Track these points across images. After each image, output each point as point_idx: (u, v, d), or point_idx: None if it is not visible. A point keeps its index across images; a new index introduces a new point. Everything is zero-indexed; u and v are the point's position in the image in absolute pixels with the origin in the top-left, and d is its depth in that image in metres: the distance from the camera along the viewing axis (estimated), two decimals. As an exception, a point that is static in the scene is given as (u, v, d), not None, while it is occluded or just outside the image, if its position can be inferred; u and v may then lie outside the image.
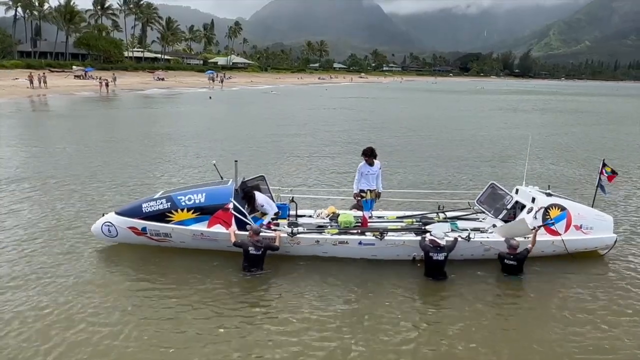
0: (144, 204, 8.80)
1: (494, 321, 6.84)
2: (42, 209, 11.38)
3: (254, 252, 7.96)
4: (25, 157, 18.03)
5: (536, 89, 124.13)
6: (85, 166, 16.35)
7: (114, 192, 13.08)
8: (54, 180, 14.30)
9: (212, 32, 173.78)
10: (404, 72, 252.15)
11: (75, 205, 11.73)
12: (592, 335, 6.46)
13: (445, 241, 8.05)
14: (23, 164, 16.71)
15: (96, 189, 13.34)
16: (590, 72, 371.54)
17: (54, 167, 16.24)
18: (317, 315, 6.80)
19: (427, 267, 8.08)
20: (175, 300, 7.09)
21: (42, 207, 11.54)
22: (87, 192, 12.96)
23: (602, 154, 18.50)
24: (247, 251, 7.97)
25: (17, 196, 12.39)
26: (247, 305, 7.06)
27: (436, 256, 7.96)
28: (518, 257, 8.20)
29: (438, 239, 7.99)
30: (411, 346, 6.14)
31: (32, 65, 77.49)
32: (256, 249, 7.97)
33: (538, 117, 43.37)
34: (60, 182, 14.09)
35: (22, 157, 18.01)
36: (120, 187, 13.63)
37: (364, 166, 10.03)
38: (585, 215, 8.91)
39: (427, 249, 8.01)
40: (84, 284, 7.57)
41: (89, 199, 12.34)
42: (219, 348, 5.98)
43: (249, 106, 47.43)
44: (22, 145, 20.71)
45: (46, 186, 13.57)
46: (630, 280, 8.21)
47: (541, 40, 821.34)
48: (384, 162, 11.30)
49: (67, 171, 15.54)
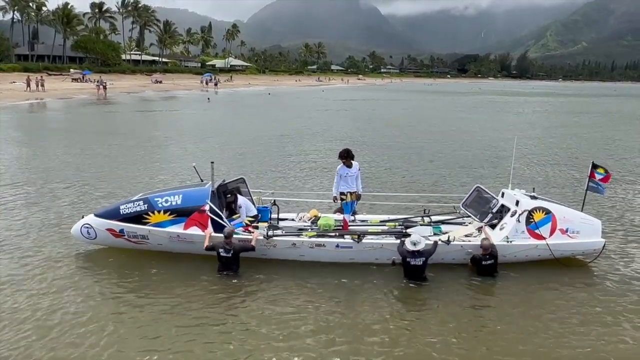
0: (122, 206, 8.80)
1: (472, 325, 6.78)
2: (25, 210, 11.47)
3: (224, 254, 7.93)
4: (15, 159, 18.25)
5: (534, 91, 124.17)
6: (76, 168, 16.49)
7: (100, 194, 13.14)
8: (41, 181, 14.44)
9: (209, 34, 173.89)
10: (401, 73, 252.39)
11: (61, 206, 11.85)
12: (569, 344, 6.32)
13: (421, 246, 7.88)
14: (13, 165, 16.90)
15: (83, 191, 13.44)
16: (587, 73, 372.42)
17: (44, 169, 16.39)
18: (292, 321, 6.75)
19: (406, 271, 7.98)
20: (148, 307, 7.01)
21: (25, 208, 11.63)
22: (73, 194, 13.07)
23: (606, 155, 18.46)
24: (218, 253, 7.98)
25: (1, 197, 12.51)
26: (222, 310, 7.01)
27: (414, 261, 7.86)
28: (493, 254, 8.13)
29: (411, 245, 7.84)
30: (387, 349, 6.11)
31: (30, 68, 77.39)
32: (226, 252, 7.94)
33: (544, 118, 43.52)
34: (48, 183, 14.24)
35: (13, 159, 18.22)
36: (107, 188, 13.69)
37: (342, 168, 9.87)
38: (571, 218, 8.70)
39: (405, 254, 7.92)
40: (60, 287, 7.53)
41: (74, 200, 12.47)
42: (195, 354, 5.96)
43: (244, 109, 47.54)
44: (14, 147, 20.85)
45: (32, 187, 13.72)
46: (615, 286, 8.02)
47: (538, 41, 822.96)
48: (374, 163, 11.31)
49: (56, 173, 15.75)
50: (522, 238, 8.53)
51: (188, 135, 25.99)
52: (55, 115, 38.16)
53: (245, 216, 9.30)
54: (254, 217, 9.41)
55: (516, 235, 8.54)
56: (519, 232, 8.55)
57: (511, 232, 8.55)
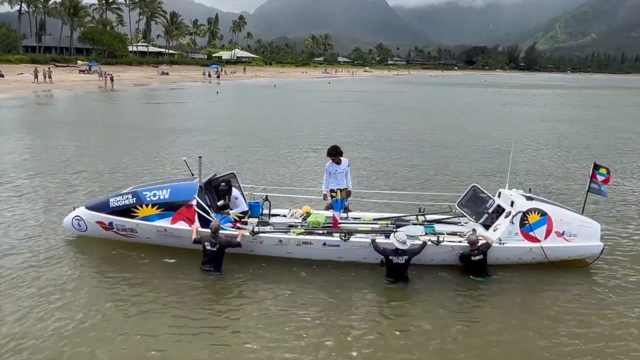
0: (112, 199, 8.86)
1: (460, 327, 6.66)
2: (19, 200, 11.59)
3: (210, 248, 7.92)
4: (20, 149, 18.46)
5: (543, 83, 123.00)
6: (77, 159, 16.68)
7: (97, 185, 13.25)
8: (41, 171, 14.60)
9: (216, 26, 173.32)
10: (408, 65, 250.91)
11: (57, 196, 12.04)
12: (563, 352, 6.14)
13: (405, 245, 7.72)
14: (17, 156, 17.10)
15: (81, 182, 13.58)
16: (596, 65, 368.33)
17: (48, 159, 16.61)
18: (275, 319, 6.68)
19: (388, 270, 7.86)
20: (131, 303, 7.00)
21: (19, 198, 11.76)
22: (72, 185, 13.24)
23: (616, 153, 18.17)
24: (204, 247, 7.96)
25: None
26: (206, 306, 7.01)
27: (396, 259, 7.74)
28: (482, 249, 7.92)
29: (399, 243, 7.72)
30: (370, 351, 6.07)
31: (37, 60, 77.61)
32: (212, 245, 7.92)
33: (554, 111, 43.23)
34: (47, 173, 14.42)
35: (18, 149, 18.41)
36: (106, 181, 13.77)
37: (331, 165, 9.60)
38: (568, 221, 8.39)
39: (387, 252, 7.79)
40: (46, 281, 7.54)
41: (69, 191, 12.64)
42: (175, 350, 5.95)
43: (250, 101, 47.48)
44: (19, 137, 21.05)
45: (32, 177, 13.88)
46: (612, 293, 7.72)
47: (547, 33, 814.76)
48: (379, 159, 11.14)
49: (59, 164, 15.91)
50: (515, 240, 8.27)
51: (194, 128, 26.11)
52: (61, 106, 38.40)
53: (240, 207, 9.21)
54: (244, 213, 9.27)
55: (509, 237, 8.27)
56: (512, 234, 8.28)
57: (504, 234, 8.28)
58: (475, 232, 8.63)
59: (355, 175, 14.37)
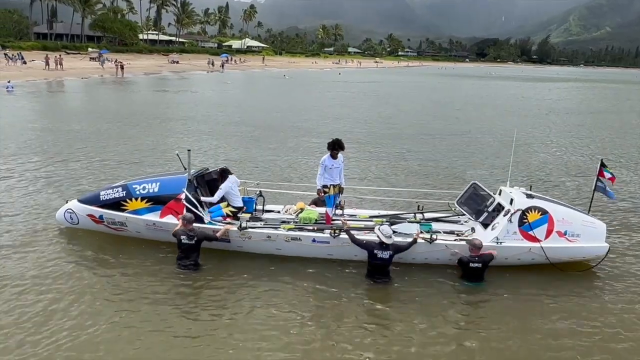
0: (102, 192, 8.81)
1: (457, 335, 6.41)
2: (11, 192, 11.62)
3: (186, 241, 7.74)
4: (25, 135, 18.71)
5: (547, 76, 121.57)
6: (80, 148, 16.73)
7: (93, 178, 13.17)
8: (43, 157, 14.87)
9: (226, 15, 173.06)
10: (419, 57, 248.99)
11: (53, 187, 12.07)
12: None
13: (390, 239, 7.50)
14: (22, 142, 17.33)
15: (79, 175, 13.56)
16: (610, 58, 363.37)
17: (54, 143, 16.92)
18: (258, 319, 6.57)
19: (370, 265, 7.57)
20: (114, 301, 6.93)
21: (11, 190, 11.76)
22: (70, 175, 13.31)
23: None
24: (179, 240, 7.77)
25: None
26: (190, 302, 6.94)
27: (381, 254, 7.46)
28: (484, 258, 7.55)
29: (385, 238, 7.48)
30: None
31: (48, 47, 77.96)
32: (188, 238, 7.74)
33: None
34: (49, 160, 14.66)
35: (23, 135, 18.66)
36: (105, 174, 13.70)
37: (328, 160, 9.40)
38: (570, 220, 8.03)
39: (372, 246, 7.52)
40: (36, 277, 7.50)
41: (65, 182, 12.65)
42: (157, 347, 5.92)
43: (258, 92, 47.44)
44: (26, 123, 21.36)
45: (33, 164, 14.10)
46: (618, 297, 7.40)
47: (560, 25, 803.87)
48: (383, 151, 10.89)
49: (64, 150, 16.11)
50: (513, 240, 7.95)
51: (197, 118, 26.30)
52: (70, 94, 38.54)
53: (220, 196, 8.92)
54: (238, 208, 9.08)
55: (507, 237, 7.97)
56: (510, 233, 7.97)
57: (502, 233, 7.98)
58: (475, 232, 8.42)
59: (355, 174, 14.40)
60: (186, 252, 7.78)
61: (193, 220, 7.92)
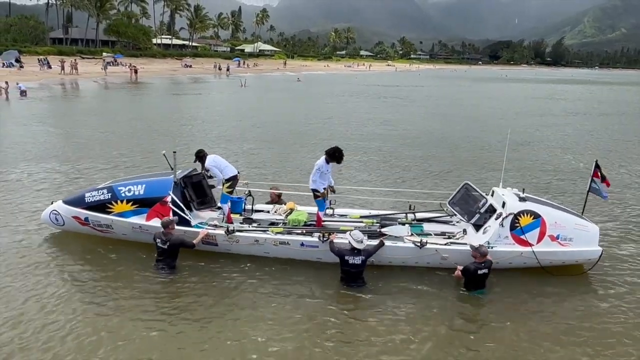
0: (87, 194, 8.69)
1: (453, 344, 6.25)
2: (14, 190, 11.71)
3: (160, 245, 7.67)
4: (40, 137, 18.76)
5: (564, 79, 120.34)
6: (84, 148, 16.86)
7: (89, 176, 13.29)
8: (47, 159, 14.93)
9: (239, 19, 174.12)
10: (432, 60, 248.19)
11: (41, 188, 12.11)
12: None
13: (362, 244, 7.36)
14: (32, 143, 17.41)
15: (78, 173, 13.66)
16: (626, 60, 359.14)
17: (64, 145, 17.01)
18: (242, 322, 6.50)
19: (343, 272, 7.42)
20: (100, 299, 6.90)
21: (17, 188, 11.90)
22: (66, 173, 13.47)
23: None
24: (155, 243, 7.72)
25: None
26: (173, 306, 6.85)
27: (352, 259, 7.31)
28: (488, 264, 7.37)
29: (357, 243, 7.34)
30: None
31: (64, 51, 78.87)
32: (162, 242, 7.65)
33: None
34: (55, 161, 14.74)
35: (36, 135, 18.74)
36: (104, 171, 13.83)
37: (324, 165, 9.11)
38: (563, 224, 7.89)
39: (343, 252, 7.39)
40: (17, 277, 7.45)
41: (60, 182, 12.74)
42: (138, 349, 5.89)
43: (273, 96, 47.43)
44: (38, 125, 21.42)
45: (38, 164, 14.19)
46: (611, 302, 7.26)
47: (575, 27, 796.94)
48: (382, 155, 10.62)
49: (74, 152, 16.18)
50: (505, 244, 7.82)
51: (209, 120, 26.32)
52: (84, 98, 38.85)
53: (218, 173, 8.81)
54: (233, 177, 8.86)
55: (498, 241, 7.83)
56: (502, 237, 7.83)
57: (493, 237, 7.83)
58: (466, 233, 8.31)
59: (355, 172, 14.36)
60: (161, 254, 7.74)
61: (169, 224, 7.76)
